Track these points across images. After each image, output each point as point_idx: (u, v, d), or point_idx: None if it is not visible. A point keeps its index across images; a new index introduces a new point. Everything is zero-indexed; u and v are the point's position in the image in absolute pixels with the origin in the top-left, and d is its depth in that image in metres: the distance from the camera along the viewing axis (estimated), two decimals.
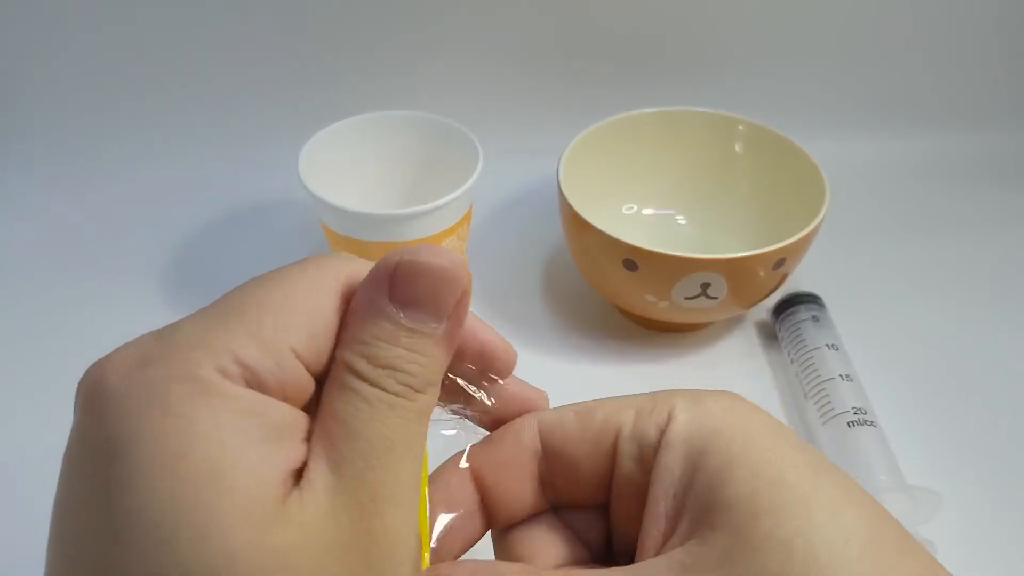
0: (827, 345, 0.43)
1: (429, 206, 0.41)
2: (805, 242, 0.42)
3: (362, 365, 0.19)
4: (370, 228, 0.41)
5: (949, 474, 0.39)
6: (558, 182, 0.45)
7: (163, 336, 0.18)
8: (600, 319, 0.49)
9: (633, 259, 0.41)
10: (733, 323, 0.49)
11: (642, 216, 0.53)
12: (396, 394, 0.19)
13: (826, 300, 0.47)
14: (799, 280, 0.50)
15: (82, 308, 0.50)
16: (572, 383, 0.46)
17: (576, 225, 0.43)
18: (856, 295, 0.50)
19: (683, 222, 0.53)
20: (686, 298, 0.42)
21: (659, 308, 0.43)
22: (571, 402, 0.24)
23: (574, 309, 0.50)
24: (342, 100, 0.56)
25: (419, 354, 0.19)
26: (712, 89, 0.62)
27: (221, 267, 0.53)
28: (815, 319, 0.45)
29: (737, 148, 0.51)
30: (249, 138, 0.61)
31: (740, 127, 0.51)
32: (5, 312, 0.50)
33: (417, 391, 0.19)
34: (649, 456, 0.22)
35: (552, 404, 0.26)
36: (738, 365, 0.46)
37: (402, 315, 0.19)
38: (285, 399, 0.18)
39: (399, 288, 0.19)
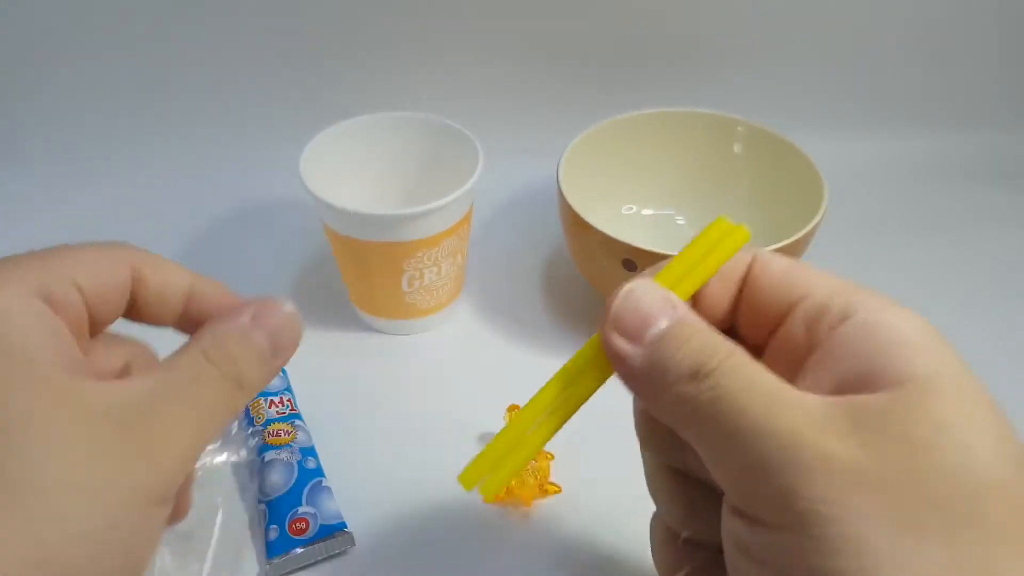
0: None
1: (430, 206, 0.41)
2: (804, 242, 0.42)
3: (213, 349, 0.25)
4: (371, 228, 0.42)
5: None
6: (558, 182, 0.45)
7: None
8: (599, 319, 0.49)
9: (632, 259, 0.41)
10: None
11: (641, 216, 0.53)
12: (224, 374, 0.25)
13: None
14: None
15: None
16: None
17: (576, 225, 0.43)
18: None
19: (682, 222, 0.53)
20: None
21: None
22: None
23: (574, 309, 0.50)
24: (343, 101, 0.56)
25: (253, 367, 0.25)
26: (711, 90, 0.62)
27: (223, 267, 0.53)
28: None
29: (736, 149, 0.51)
30: (251, 139, 0.61)
31: (739, 128, 0.51)
32: None
33: (240, 386, 0.25)
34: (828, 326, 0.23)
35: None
36: None
37: (262, 339, 0.26)
38: (65, 316, 0.24)
39: (263, 321, 0.26)
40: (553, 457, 0.39)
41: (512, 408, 0.41)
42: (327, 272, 0.52)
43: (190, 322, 0.28)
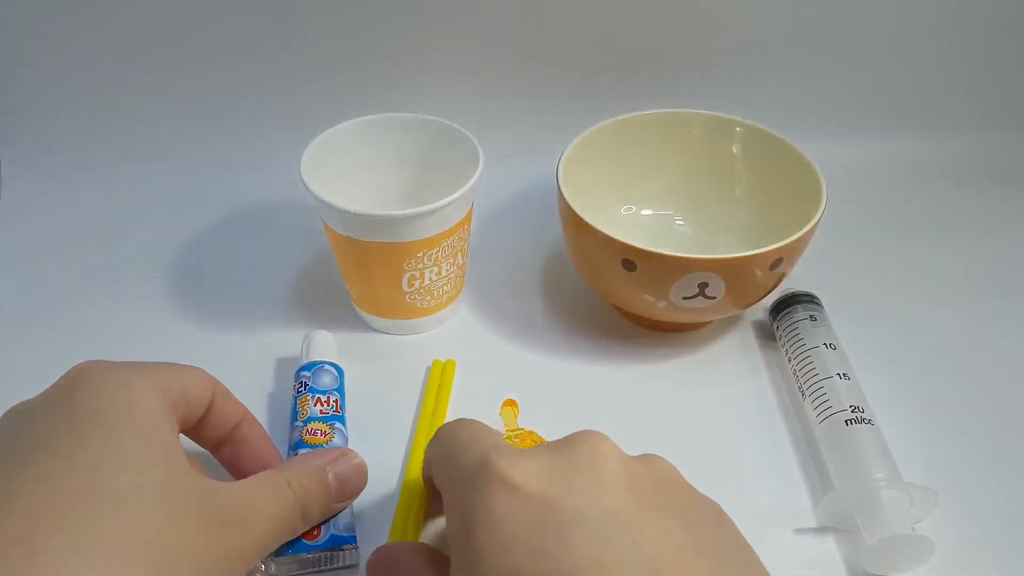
0: (824, 344, 0.44)
1: (430, 207, 0.41)
2: (802, 242, 0.42)
3: (294, 479, 0.33)
4: (372, 229, 0.42)
5: (946, 472, 0.40)
6: (557, 183, 0.45)
7: (123, 365, 0.31)
8: (599, 319, 0.49)
9: (631, 259, 0.41)
10: (731, 323, 0.49)
11: (640, 216, 0.53)
12: (297, 500, 0.32)
13: (823, 299, 0.48)
14: (796, 280, 0.50)
15: (84, 308, 0.50)
16: (571, 382, 0.46)
17: (575, 225, 0.43)
18: (853, 294, 0.51)
19: (681, 222, 0.53)
20: (684, 298, 0.42)
21: (657, 308, 0.43)
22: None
23: (573, 309, 0.50)
24: (344, 102, 0.56)
25: (320, 498, 0.34)
26: (710, 91, 0.62)
27: (224, 268, 0.54)
28: (812, 318, 0.46)
29: (735, 149, 0.51)
30: (251, 140, 0.62)
31: (738, 128, 0.51)
32: (5, 312, 0.50)
33: (304, 515, 0.33)
34: None
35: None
36: (736, 364, 0.47)
37: (335, 485, 0.34)
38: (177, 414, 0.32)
39: (336, 466, 0.35)
40: None
41: (508, 403, 0.41)
42: (327, 272, 0.52)
43: (225, 451, 0.36)
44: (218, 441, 0.35)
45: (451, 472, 0.29)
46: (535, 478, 0.26)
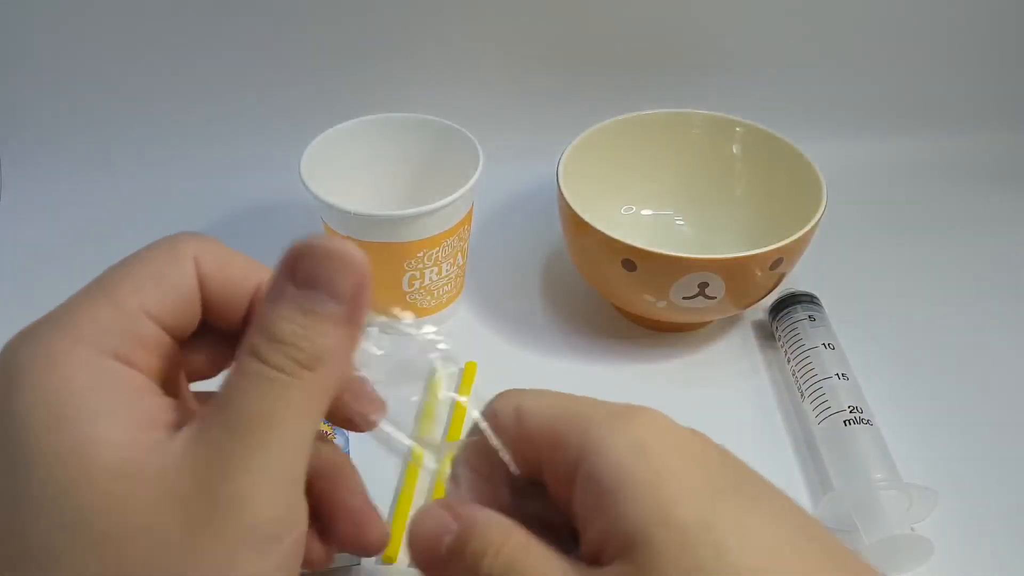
0: (824, 344, 0.44)
1: (430, 207, 0.41)
2: (802, 242, 0.42)
3: (259, 341, 0.20)
4: (372, 229, 0.42)
5: (945, 472, 0.40)
6: (558, 183, 0.45)
7: (43, 321, 0.22)
8: (599, 319, 0.49)
9: (631, 259, 0.41)
10: (730, 322, 0.49)
11: (641, 217, 0.53)
12: (279, 368, 0.20)
13: (823, 300, 0.48)
14: (796, 280, 0.50)
15: None
16: (571, 382, 0.46)
17: (575, 225, 0.43)
18: (853, 295, 0.51)
19: (681, 223, 0.53)
20: (684, 298, 0.42)
21: (657, 308, 0.43)
22: None
23: (573, 309, 0.50)
24: (344, 102, 0.56)
25: (313, 332, 0.20)
26: (710, 91, 0.62)
27: None
28: (812, 318, 0.46)
29: (735, 149, 0.51)
30: (252, 140, 0.62)
31: (738, 128, 0.51)
32: (5, 312, 0.50)
33: (304, 367, 0.20)
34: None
35: None
36: (735, 364, 0.47)
37: (300, 294, 0.21)
38: (145, 355, 0.21)
39: (299, 270, 0.21)
40: None
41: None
42: None
43: None
44: (242, 320, 0.24)
45: (585, 411, 0.23)
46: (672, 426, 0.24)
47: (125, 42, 0.58)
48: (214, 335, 0.24)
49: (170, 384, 0.23)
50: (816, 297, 0.47)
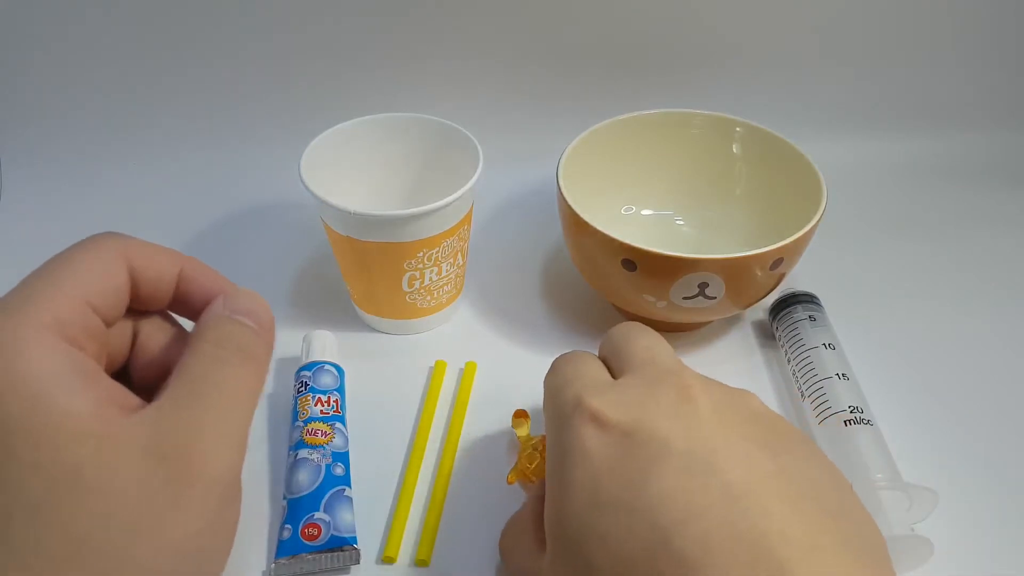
0: (824, 344, 0.44)
1: (430, 207, 0.41)
2: (802, 242, 0.42)
3: (212, 337, 0.26)
4: (371, 229, 0.42)
5: (945, 472, 0.40)
6: (558, 183, 0.45)
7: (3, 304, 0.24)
8: (599, 319, 0.49)
9: (631, 259, 0.41)
10: (731, 323, 0.49)
11: (641, 217, 0.53)
12: (231, 354, 0.26)
13: (823, 300, 0.48)
14: (796, 280, 0.51)
15: None
16: None
17: (575, 225, 0.43)
18: (853, 295, 0.51)
19: (681, 223, 0.53)
20: (684, 298, 0.42)
21: (657, 308, 0.43)
22: None
23: (574, 309, 0.50)
24: (344, 102, 0.56)
25: (248, 340, 0.27)
26: (710, 91, 0.62)
27: (224, 267, 0.53)
28: (812, 318, 0.46)
29: (735, 149, 0.51)
30: (251, 139, 0.62)
31: (738, 128, 0.51)
32: None
33: (245, 358, 0.26)
34: None
35: None
36: (735, 364, 0.47)
37: (243, 316, 0.27)
38: (90, 342, 0.25)
39: (240, 305, 0.28)
40: None
41: (519, 414, 0.41)
42: (327, 272, 0.52)
43: (181, 305, 0.29)
44: (166, 303, 0.29)
45: (553, 408, 0.30)
46: (624, 413, 0.27)
47: (125, 42, 0.58)
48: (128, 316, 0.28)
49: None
50: (816, 297, 0.47)
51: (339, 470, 0.38)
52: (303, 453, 0.38)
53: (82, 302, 0.25)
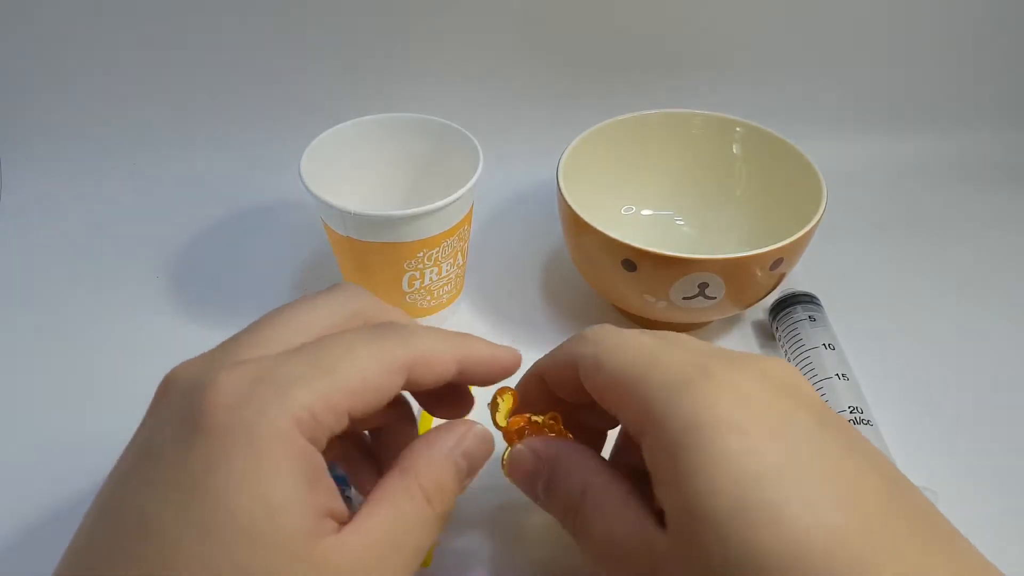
0: (824, 344, 0.44)
1: (430, 207, 0.41)
2: (802, 242, 0.42)
3: (430, 486, 0.26)
4: (371, 229, 0.42)
5: (945, 473, 0.39)
6: (558, 183, 0.45)
7: (263, 378, 0.23)
8: (599, 319, 0.49)
9: (631, 259, 0.41)
10: (731, 323, 0.49)
11: (641, 217, 0.53)
12: (436, 512, 0.26)
13: (823, 300, 0.48)
14: (796, 280, 0.51)
15: (84, 308, 0.50)
16: None
17: (575, 226, 0.43)
18: (853, 295, 0.51)
19: (681, 223, 0.53)
20: (684, 298, 0.42)
21: (657, 308, 0.43)
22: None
23: (574, 309, 0.50)
24: (344, 102, 0.56)
25: (457, 490, 0.27)
26: (710, 91, 0.62)
27: (224, 267, 0.54)
28: (812, 319, 0.46)
29: (735, 149, 0.51)
30: (252, 139, 0.62)
31: (738, 129, 0.51)
32: (7, 312, 0.50)
33: (444, 512, 0.27)
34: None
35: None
36: None
37: (464, 465, 0.28)
38: (328, 441, 0.24)
39: (467, 450, 0.28)
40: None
41: (502, 392, 0.34)
42: (327, 272, 0.52)
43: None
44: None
45: (651, 376, 0.26)
46: (761, 389, 0.25)
47: (125, 42, 0.58)
48: None
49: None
50: (816, 297, 0.47)
51: (340, 470, 0.38)
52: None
53: (343, 413, 0.24)
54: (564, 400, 0.32)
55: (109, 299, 0.51)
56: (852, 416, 0.39)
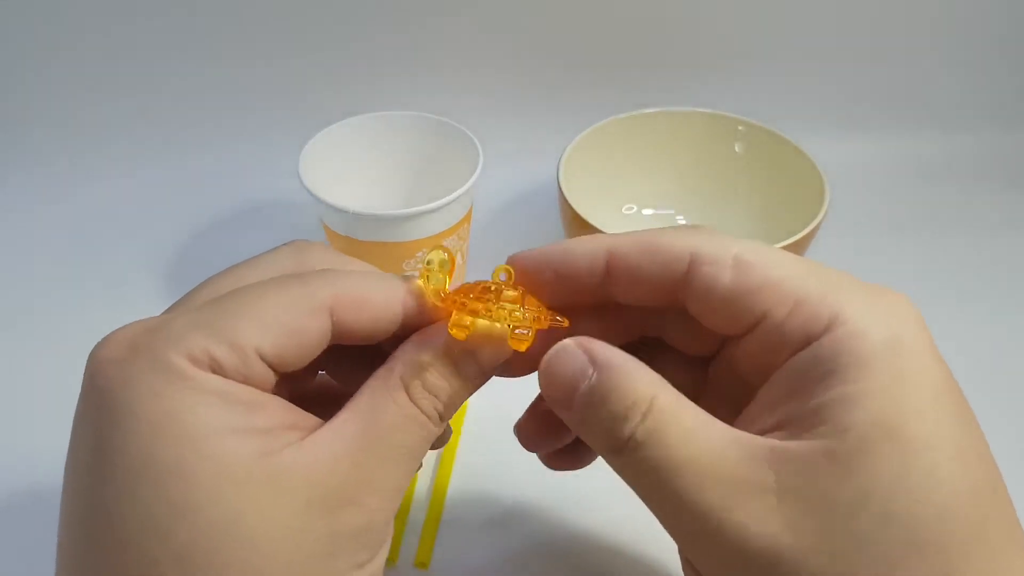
0: None
1: (430, 206, 0.41)
2: (804, 242, 0.42)
3: (412, 382, 0.23)
4: (371, 228, 0.42)
5: None
6: (558, 182, 0.45)
7: (152, 329, 0.22)
8: None
9: None
10: None
11: (642, 216, 0.53)
12: (427, 414, 0.23)
13: None
14: None
15: (82, 307, 0.50)
16: None
17: (576, 225, 0.43)
18: None
19: (683, 222, 0.53)
20: None
21: None
22: None
23: None
24: (343, 100, 0.56)
25: (456, 393, 0.23)
26: (712, 90, 0.62)
27: (222, 267, 0.53)
28: None
29: (737, 148, 0.51)
30: (250, 138, 0.61)
31: (740, 127, 0.51)
32: (4, 312, 0.50)
33: (442, 419, 0.23)
34: (791, 345, 0.22)
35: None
36: None
37: (461, 358, 0.23)
38: (246, 383, 0.22)
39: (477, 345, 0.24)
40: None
41: (500, 269, 0.28)
42: None
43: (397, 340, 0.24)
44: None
45: (832, 277, 0.24)
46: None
47: (124, 42, 0.58)
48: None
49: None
50: None
51: None
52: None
53: (252, 354, 0.21)
54: (577, 301, 0.27)
55: (107, 298, 0.51)
56: None
